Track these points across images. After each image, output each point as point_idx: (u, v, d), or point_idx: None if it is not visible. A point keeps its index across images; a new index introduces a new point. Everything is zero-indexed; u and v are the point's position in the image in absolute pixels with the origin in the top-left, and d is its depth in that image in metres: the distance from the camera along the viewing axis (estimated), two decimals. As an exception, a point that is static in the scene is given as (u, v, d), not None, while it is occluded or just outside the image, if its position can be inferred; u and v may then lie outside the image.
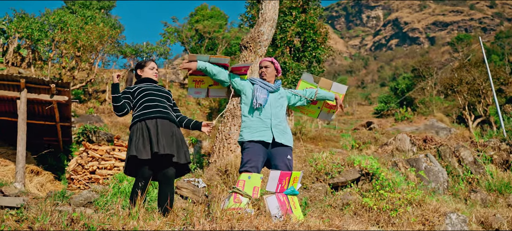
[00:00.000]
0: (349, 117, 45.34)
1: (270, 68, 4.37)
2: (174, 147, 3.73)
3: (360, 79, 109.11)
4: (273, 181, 3.85)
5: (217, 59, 4.31)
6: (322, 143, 15.07)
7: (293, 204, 3.85)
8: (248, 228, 2.80)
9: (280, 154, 4.06)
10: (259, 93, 4.14)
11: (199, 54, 4.28)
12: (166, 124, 3.83)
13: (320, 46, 23.05)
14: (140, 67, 4.26)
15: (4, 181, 7.91)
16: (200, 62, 4.22)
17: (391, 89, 46.97)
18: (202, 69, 4.22)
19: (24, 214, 2.77)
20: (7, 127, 9.81)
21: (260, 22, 7.74)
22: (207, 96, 4.61)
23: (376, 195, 7.27)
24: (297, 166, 9.91)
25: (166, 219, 2.94)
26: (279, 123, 4.16)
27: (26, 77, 8.07)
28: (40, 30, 25.16)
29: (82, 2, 31.78)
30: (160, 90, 4.11)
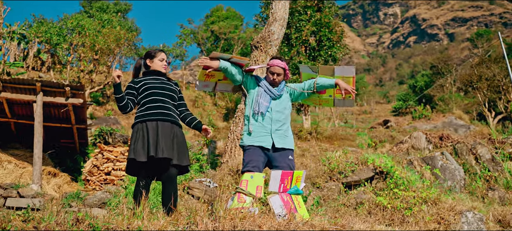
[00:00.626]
0: (367, 116, 44.99)
1: (281, 76, 4.30)
2: (174, 150, 3.75)
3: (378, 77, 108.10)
4: (275, 181, 3.86)
5: (238, 59, 4.31)
6: (337, 142, 14.96)
7: (298, 203, 3.85)
8: (251, 227, 2.80)
9: (281, 155, 4.10)
10: (262, 100, 4.16)
11: (221, 53, 4.24)
12: (167, 126, 3.82)
13: (335, 44, 22.93)
14: (149, 57, 4.16)
15: (22, 183, 8.07)
16: (223, 62, 4.21)
17: (409, 87, 46.43)
18: (223, 69, 4.22)
19: (31, 214, 2.83)
20: (25, 130, 10.01)
21: (271, 21, 7.72)
22: (214, 90, 4.63)
23: (390, 193, 7.18)
24: (310, 165, 9.87)
25: (170, 219, 2.96)
26: (279, 128, 4.18)
27: (41, 81, 8.22)
28: (59, 35, 25.57)
29: (99, 6, 32.23)
30: (166, 87, 4.03)
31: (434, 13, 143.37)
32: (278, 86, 4.31)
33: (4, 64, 21.12)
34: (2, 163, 9.00)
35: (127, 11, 34.23)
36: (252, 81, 4.37)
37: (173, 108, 4.03)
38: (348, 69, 4.45)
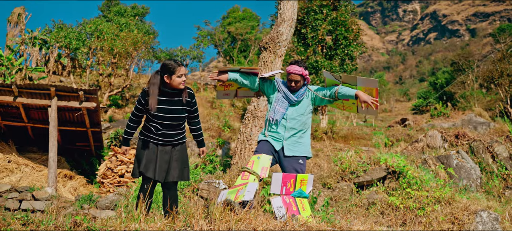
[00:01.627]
0: (387, 114, 44.49)
1: (300, 82, 4.28)
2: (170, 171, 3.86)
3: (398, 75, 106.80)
4: (276, 183, 3.90)
5: (248, 70, 4.36)
6: (353, 141, 14.83)
7: (302, 206, 3.84)
8: (246, 229, 2.80)
9: (290, 160, 4.14)
10: (278, 107, 4.21)
11: (230, 66, 4.33)
12: (167, 150, 3.91)
13: (352, 43, 22.77)
14: (168, 72, 3.80)
15: (38, 186, 8.24)
16: (232, 75, 4.29)
17: (430, 84, 45.72)
18: (233, 80, 4.31)
19: (30, 218, 2.89)
20: (41, 134, 10.21)
21: (279, 22, 7.70)
22: (236, 96, 4.73)
23: (403, 193, 7.09)
24: (323, 165, 9.83)
25: (167, 221, 2.99)
26: (293, 135, 4.22)
27: (56, 86, 8.38)
28: (78, 39, 26.01)
29: (117, 10, 32.67)
30: (174, 109, 3.90)
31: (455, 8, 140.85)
32: (298, 91, 4.31)
33: (26, 69, 21.56)
34: (20, 166, 9.21)
35: (144, 14, 34.61)
36: (271, 86, 4.40)
37: (178, 128, 3.98)
38: (371, 81, 4.47)
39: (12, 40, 30.90)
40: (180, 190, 6.23)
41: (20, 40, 28.47)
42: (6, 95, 8.64)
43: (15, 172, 8.94)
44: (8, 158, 9.21)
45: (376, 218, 6.73)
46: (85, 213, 5.78)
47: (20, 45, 27.63)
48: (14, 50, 26.30)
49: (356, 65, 23.64)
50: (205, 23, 49.20)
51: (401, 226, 6.48)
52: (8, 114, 9.68)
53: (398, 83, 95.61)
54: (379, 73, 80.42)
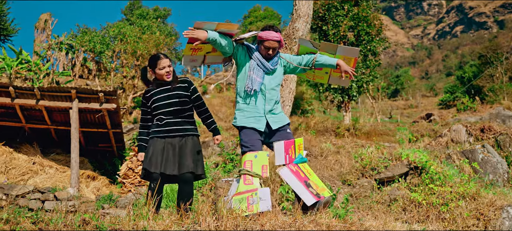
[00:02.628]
0: (413, 110, 43.77)
1: (276, 49, 3.94)
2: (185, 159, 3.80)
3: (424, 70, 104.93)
4: (280, 154, 3.72)
5: (225, 28, 3.90)
6: (376, 138, 14.60)
7: (307, 171, 3.67)
8: (253, 227, 2.76)
9: (279, 132, 3.91)
10: (254, 75, 3.84)
11: (207, 22, 3.83)
12: (175, 142, 3.86)
13: (374, 38, 22.46)
14: (151, 66, 4.00)
15: (61, 187, 8.41)
16: (211, 33, 3.80)
17: (457, 78, 44.69)
18: (211, 41, 3.83)
19: (40, 216, 2.92)
20: (65, 136, 10.39)
21: (295, 18, 7.63)
22: (203, 63, 4.27)
23: (426, 189, 6.94)
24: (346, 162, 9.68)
25: (175, 218, 2.97)
26: (273, 107, 3.94)
27: (76, 88, 8.53)
28: (102, 43, 26.48)
29: (140, 13, 33.11)
30: (172, 99, 3.95)
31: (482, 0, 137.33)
32: (272, 59, 3.97)
33: (53, 74, 22.08)
34: (44, 168, 9.41)
35: (166, 16, 34.98)
36: (243, 52, 4.00)
37: (183, 118, 3.97)
38: (352, 50, 4.21)
39: (40, 46, 31.69)
40: (198, 188, 6.24)
41: (47, 45, 29.16)
42: (29, 98, 8.84)
43: (39, 174, 9.14)
44: (32, 160, 9.43)
45: (398, 215, 6.61)
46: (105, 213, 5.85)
47: (47, 50, 28.29)
48: (41, 56, 26.94)
49: (379, 60, 23.31)
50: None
51: (423, 223, 6.34)
52: (32, 117, 9.91)
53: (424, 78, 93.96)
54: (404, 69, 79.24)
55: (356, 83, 21.18)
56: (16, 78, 21.66)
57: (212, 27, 3.83)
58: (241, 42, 4.04)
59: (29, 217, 2.86)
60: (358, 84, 21.31)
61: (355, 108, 33.72)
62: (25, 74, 21.64)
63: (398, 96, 62.99)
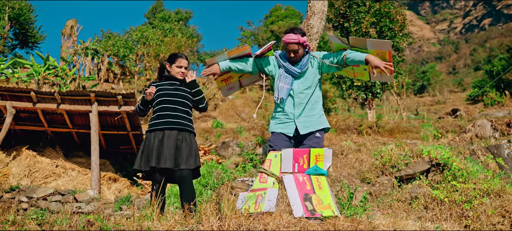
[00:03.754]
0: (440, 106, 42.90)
1: (299, 51, 3.91)
2: (181, 157, 3.81)
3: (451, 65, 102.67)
4: (287, 161, 3.65)
5: (236, 54, 4.07)
6: (400, 135, 14.30)
7: (318, 184, 3.56)
8: (257, 226, 2.72)
9: (306, 137, 3.87)
10: (282, 84, 3.87)
11: (217, 56, 4.07)
12: (173, 135, 3.88)
13: (397, 34, 22.09)
14: (170, 61, 4.19)
15: (82, 189, 8.55)
16: (223, 64, 4.03)
17: (485, 73, 43.53)
18: (227, 70, 4.06)
19: (46, 218, 2.94)
20: (86, 139, 10.57)
21: (309, 15, 7.52)
22: (241, 87, 4.43)
23: (448, 186, 6.76)
24: (367, 160, 9.52)
25: (179, 218, 2.95)
26: (303, 111, 3.90)
27: (95, 91, 8.66)
28: (125, 47, 26.91)
29: (162, 16, 33.48)
30: (178, 93, 4.07)
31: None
32: (301, 61, 3.95)
33: (79, 79, 22.55)
34: (67, 170, 9.59)
35: (188, 19, 35.26)
36: (273, 62, 4.07)
37: (184, 114, 4.04)
38: (383, 43, 3.99)
39: (66, 51, 32.42)
40: (214, 188, 6.22)
41: (73, 51, 29.81)
42: (50, 102, 9.03)
43: (62, 176, 9.32)
44: (55, 163, 9.62)
45: (419, 213, 6.45)
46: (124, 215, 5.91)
47: (73, 56, 28.92)
48: (68, 61, 27.56)
49: (403, 56, 22.91)
50: (248, 23, 49.51)
51: (445, 221, 6.17)
52: (54, 121, 10.11)
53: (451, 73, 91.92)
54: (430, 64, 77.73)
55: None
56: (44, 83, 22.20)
57: (224, 57, 4.06)
58: (262, 56, 4.12)
59: (35, 218, 2.89)
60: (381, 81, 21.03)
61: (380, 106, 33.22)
62: (53, 80, 22.16)
63: (425, 92, 61.85)
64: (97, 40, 30.40)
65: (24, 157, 9.43)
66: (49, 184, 8.92)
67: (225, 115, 26.91)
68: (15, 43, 35.44)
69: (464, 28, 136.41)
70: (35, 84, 21.53)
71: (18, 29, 34.48)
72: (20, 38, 35.17)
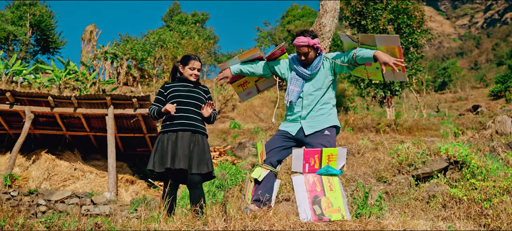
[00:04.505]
0: (462, 103, 42.05)
1: (310, 53, 3.85)
2: (192, 159, 3.82)
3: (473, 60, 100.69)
4: (297, 160, 3.55)
5: (247, 57, 4.05)
6: (419, 132, 14.07)
7: (330, 185, 3.45)
8: (262, 227, 2.69)
9: (314, 136, 3.76)
10: (292, 87, 3.86)
11: (228, 60, 4.08)
12: (186, 136, 3.88)
13: (416, 30, 21.78)
14: (183, 63, 4.18)
15: (100, 191, 8.65)
16: (233, 68, 4.03)
17: (509, 67, 42.58)
18: (238, 73, 4.06)
19: (54, 221, 2.97)
20: (103, 142, 10.70)
21: (321, 13, 7.42)
22: (259, 91, 4.38)
23: (467, 184, 6.61)
24: (384, 158, 9.41)
25: (185, 220, 2.95)
26: (311, 111, 3.84)
27: (111, 95, 8.76)
28: (143, 50, 27.19)
29: (179, 19, 33.72)
30: (192, 94, 4.07)
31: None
32: (312, 63, 3.90)
33: (99, 83, 22.89)
34: (85, 173, 9.73)
35: (204, 20, 35.44)
36: (285, 65, 4.06)
37: (197, 116, 4.04)
38: (391, 38, 3.85)
39: (86, 56, 32.95)
40: (227, 189, 6.23)
41: (92, 55, 30.27)
42: (67, 106, 9.18)
43: (80, 179, 9.45)
44: (74, 166, 9.77)
45: (437, 212, 6.33)
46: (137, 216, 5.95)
47: (92, 60, 29.37)
48: (88, 65, 27.97)
49: (422, 53, 22.59)
50: (265, 24, 49.48)
51: (465, 220, 6.04)
52: (72, 124, 10.27)
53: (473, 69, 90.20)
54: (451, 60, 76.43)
55: (398, 77, 20.61)
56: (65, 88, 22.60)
57: (235, 61, 4.06)
58: (274, 59, 4.09)
59: (43, 221, 2.93)
60: (400, 78, 20.74)
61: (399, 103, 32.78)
62: (73, 84, 22.55)
63: (446, 89, 60.78)
64: (115, 44, 30.80)
65: (44, 161, 9.61)
66: (67, 187, 9.06)
67: (243, 116, 26.92)
68: (37, 49, 36.21)
69: (486, 23, 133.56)
70: (56, 89, 21.94)
71: (39, 35, 35.23)
72: (42, 44, 35.93)
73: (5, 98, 9.06)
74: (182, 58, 4.23)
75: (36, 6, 34.56)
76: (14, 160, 8.91)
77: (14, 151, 8.88)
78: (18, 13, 33.14)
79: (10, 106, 9.17)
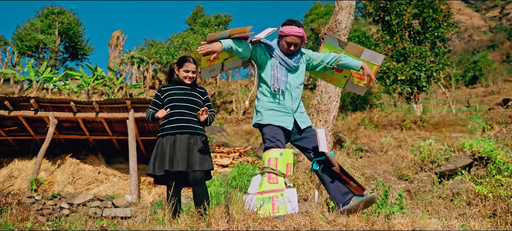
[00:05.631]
0: (494, 97, 40.87)
1: (298, 45, 3.74)
2: (192, 159, 3.84)
3: (505, 53, 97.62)
4: (323, 140, 3.56)
5: (239, 33, 3.74)
6: (446, 128, 13.72)
7: None
8: (265, 228, 2.66)
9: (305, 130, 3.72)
10: (279, 75, 3.68)
11: (219, 32, 3.68)
12: (184, 139, 3.89)
13: (442, 24, 21.27)
14: (178, 65, 4.18)
15: (123, 194, 8.78)
16: (225, 43, 3.61)
17: (542, 59, 41.10)
18: (228, 50, 3.66)
19: (61, 224, 3.02)
20: (126, 145, 10.86)
21: (337, 10, 7.34)
22: (222, 71, 4.10)
23: (492, 181, 6.40)
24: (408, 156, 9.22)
25: (190, 222, 2.94)
26: (298, 106, 3.76)
27: (131, 98, 8.88)
28: (167, 53, 27.53)
29: (202, 21, 33.97)
30: (188, 98, 4.07)
31: None
32: (295, 55, 3.79)
33: (126, 87, 23.33)
34: (109, 177, 9.90)
35: (227, 22, 35.58)
36: (262, 50, 3.83)
37: (194, 118, 4.04)
38: (377, 56, 3.99)
39: (113, 61, 33.63)
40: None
41: (119, 61, 30.86)
42: (89, 111, 9.36)
43: (104, 182, 9.62)
44: (97, 170, 9.95)
45: (462, 210, 6.14)
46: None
47: (119, 65, 29.93)
48: (115, 71, 28.54)
49: (449, 47, 22.03)
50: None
51: (491, 218, 5.85)
52: (95, 129, 10.46)
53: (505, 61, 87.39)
54: (482, 53, 74.36)
55: (425, 73, 20.17)
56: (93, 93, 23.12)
57: (225, 35, 3.70)
58: (257, 42, 3.88)
59: (50, 225, 2.97)
60: (427, 74, 20.26)
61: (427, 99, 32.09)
62: (101, 89, 23.05)
63: (477, 83, 59.14)
64: (141, 49, 31.30)
65: (68, 165, 9.83)
66: (91, 190, 9.23)
67: (267, 116, 26.81)
68: (66, 56, 37.20)
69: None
70: (85, 94, 22.46)
71: (68, 42, 36.18)
72: (70, 51, 36.88)
73: (30, 105, 9.32)
74: (178, 60, 4.22)
75: (64, 14, 35.49)
76: (40, 164, 9.14)
77: (39, 156, 9.12)
78: (47, 22, 34.11)
79: (35, 113, 9.42)
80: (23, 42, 31.45)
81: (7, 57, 30.98)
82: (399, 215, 3.05)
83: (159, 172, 3.79)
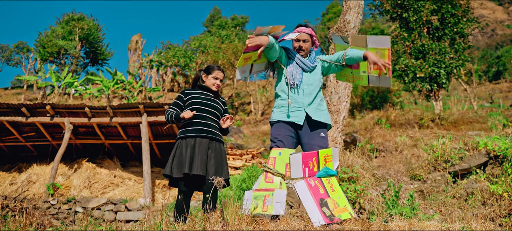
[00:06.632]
0: (522, 93, 39.86)
1: (308, 42, 3.83)
2: (209, 166, 3.88)
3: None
4: (296, 166, 3.45)
5: (277, 31, 3.75)
6: (465, 126, 13.46)
7: (331, 186, 3.38)
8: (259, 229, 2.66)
9: (312, 134, 3.64)
10: (295, 72, 3.74)
11: (264, 27, 3.68)
12: (204, 143, 3.93)
13: (461, 19, 20.87)
14: (206, 72, 4.27)
15: (137, 197, 8.89)
16: (270, 37, 3.64)
17: None
18: (271, 45, 3.66)
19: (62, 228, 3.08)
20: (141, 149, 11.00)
21: (345, 10, 7.28)
22: (251, 73, 4.03)
23: (508, 180, 6.26)
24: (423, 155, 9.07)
25: (186, 226, 2.97)
26: (313, 101, 3.74)
27: (144, 103, 8.99)
28: (185, 56, 27.75)
29: (219, 23, 34.12)
30: (211, 103, 4.14)
31: None
32: (309, 56, 3.86)
33: (145, 90, 23.61)
34: (124, 180, 10.04)
35: (244, 23, 35.65)
36: (284, 54, 3.92)
37: (214, 124, 4.10)
38: (382, 39, 3.79)
39: (133, 65, 34.07)
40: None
41: (138, 64, 31.25)
42: (104, 116, 9.51)
43: (119, 186, 9.76)
44: (113, 174, 10.10)
45: (476, 210, 6.02)
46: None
47: (138, 69, 30.31)
48: (134, 74, 28.89)
49: (468, 43, 21.60)
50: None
51: (506, 218, 5.73)
52: (110, 133, 10.62)
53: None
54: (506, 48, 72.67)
55: (445, 69, 19.81)
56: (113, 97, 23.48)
57: (266, 31, 3.68)
58: None
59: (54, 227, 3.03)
60: (447, 70, 19.91)
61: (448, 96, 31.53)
62: (121, 93, 23.39)
63: (501, 78, 57.80)
64: (159, 53, 31.63)
65: (84, 169, 10.01)
66: (107, 194, 9.37)
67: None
68: (87, 62, 37.90)
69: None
70: (105, 99, 22.82)
71: (88, 48, 36.85)
72: (91, 56, 37.55)
73: (46, 111, 9.52)
74: (206, 67, 4.31)
75: (84, 20, 36.15)
76: (56, 169, 9.33)
77: (56, 161, 9.30)
78: (68, 28, 34.79)
79: (51, 119, 9.62)
80: (45, 48, 32.17)
81: (30, 63, 31.77)
82: (397, 217, 3.01)
83: (176, 175, 3.82)
